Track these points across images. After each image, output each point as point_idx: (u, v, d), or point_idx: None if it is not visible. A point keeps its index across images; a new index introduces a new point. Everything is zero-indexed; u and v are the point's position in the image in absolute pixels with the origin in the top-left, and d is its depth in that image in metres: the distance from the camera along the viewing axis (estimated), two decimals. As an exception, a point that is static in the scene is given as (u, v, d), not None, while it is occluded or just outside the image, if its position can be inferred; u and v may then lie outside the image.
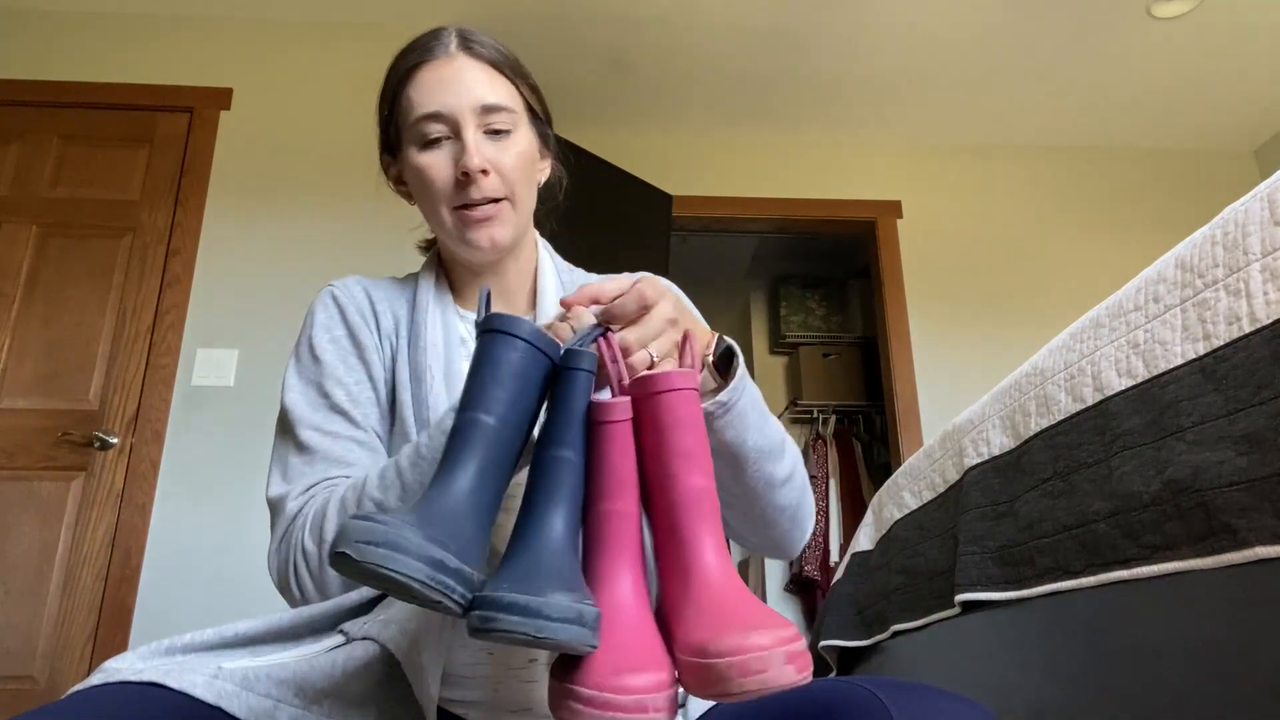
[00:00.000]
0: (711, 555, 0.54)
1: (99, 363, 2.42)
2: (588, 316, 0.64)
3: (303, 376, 0.83)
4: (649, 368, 0.62)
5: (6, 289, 2.45)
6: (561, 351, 0.60)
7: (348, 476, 0.76)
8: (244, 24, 2.84)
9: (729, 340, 0.72)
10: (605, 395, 0.61)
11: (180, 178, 2.62)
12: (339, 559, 0.48)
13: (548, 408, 0.59)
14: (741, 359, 0.71)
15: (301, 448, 0.78)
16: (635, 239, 3.09)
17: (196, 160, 2.64)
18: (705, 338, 0.70)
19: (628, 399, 0.59)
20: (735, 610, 0.50)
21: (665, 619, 0.55)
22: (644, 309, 0.63)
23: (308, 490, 0.76)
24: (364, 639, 0.65)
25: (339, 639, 0.66)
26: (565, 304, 0.65)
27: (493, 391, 0.57)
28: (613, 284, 0.65)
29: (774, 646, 0.46)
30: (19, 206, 2.54)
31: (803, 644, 0.48)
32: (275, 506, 0.77)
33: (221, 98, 2.72)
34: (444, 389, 0.81)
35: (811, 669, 0.48)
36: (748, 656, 0.46)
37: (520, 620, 0.47)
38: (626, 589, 0.54)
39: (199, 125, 2.68)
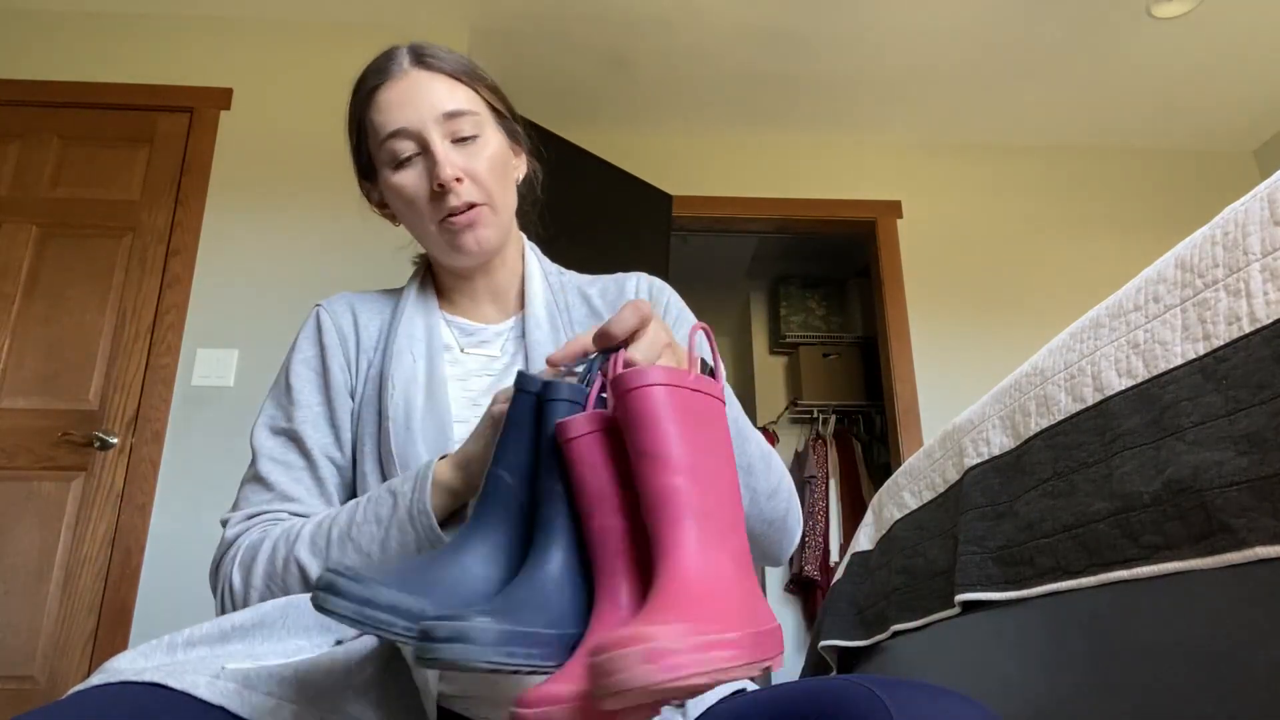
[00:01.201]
0: (683, 553, 0.50)
1: (99, 363, 2.42)
2: (582, 342, 0.63)
3: (274, 401, 0.86)
4: None
5: (6, 289, 2.46)
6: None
7: (290, 513, 0.80)
8: (244, 24, 2.84)
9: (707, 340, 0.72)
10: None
11: (180, 178, 2.62)
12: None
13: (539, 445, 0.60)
14: (724, 379, 0.72)
15: (257, 478, 0.83)
16: (635, 239, 3.09)
17: (196, 160, 2.64)
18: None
19: (588, 414, 0.57)
20: (654, 606, 0.46)
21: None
22: (643, 322, 0.63)
23: (250, 519, 0.80)
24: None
25: (332, 638, 0.67)
26: (551, 361, 0.64)
27: (504, 447, 0.61)
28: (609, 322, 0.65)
29: (632, 644, 0.41)
30: (19, 206, 2.54)
31: (693, 641, 0.42)
32: (223, 524, 0.82)
33: (221, 98, 2.72)
34: (417, 394, 0.82)
35: (684, 673, 0.42)
36: (608, 656, 0.42)
37: (451, 647, 0.47)
38: (625, 604, 0.53)
39: (199, 125, 2.68)
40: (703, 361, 0.66)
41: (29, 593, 2.21)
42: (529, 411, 0.60)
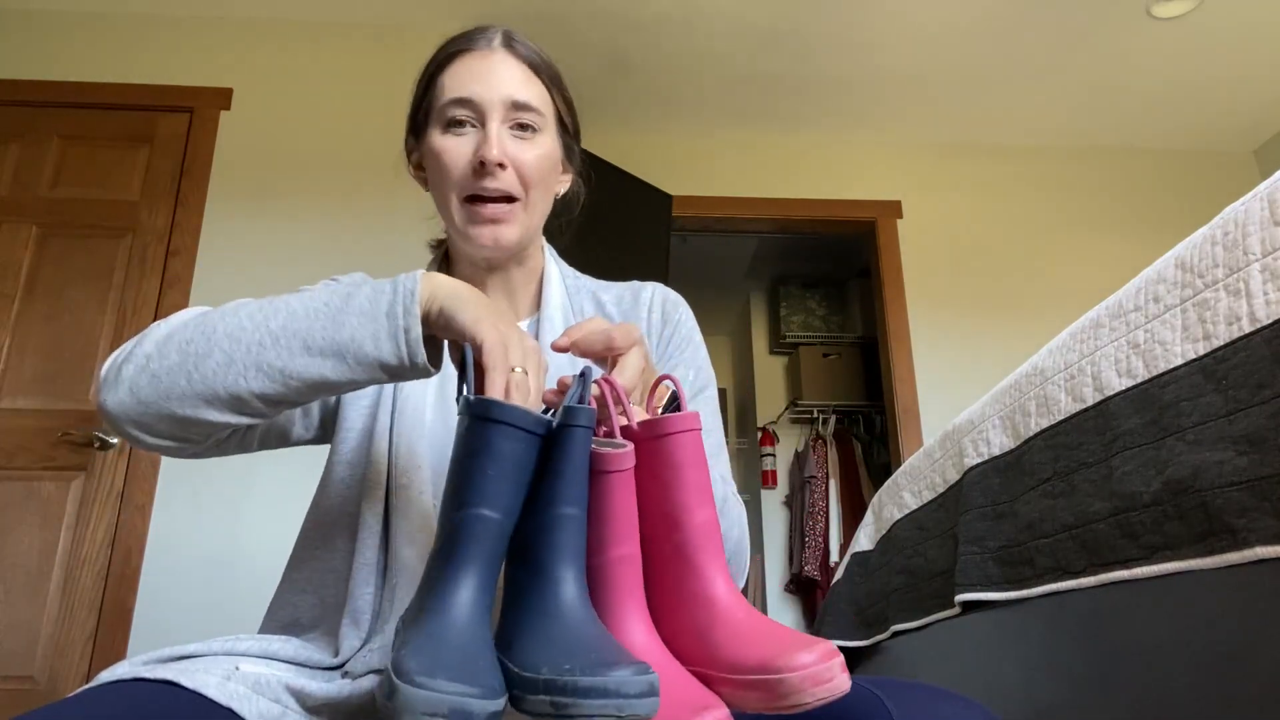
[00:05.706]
0: (723, 583, 0.58)
1: (99, 363, 2.42)
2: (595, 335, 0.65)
3: None
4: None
5: (6, 289, 2.45)
6: (553, 417, 0.59)
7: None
8: (244, 24, 2.84)
9: (675, 387, 0.71)
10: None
11: (180, 178, 2.62)
12: None
13: (548, 465, 0.58)
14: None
15: None
16: (635, 239, 3.09)
17: (196, 160, 2.63)
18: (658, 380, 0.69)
19: (632, 448, 0.59)
20: (779, 631, 0.55)
21: (684, 646, 0.56)
22: (610, 350, 0.65)
23: None
24: (369, 673, 0.67)
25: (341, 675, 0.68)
26: (557, 347, 0.66)
27: (498, 486, 0.56)
28: (586, 325, 0.67)
29: (832, 658, 0.52)
30: (19, 206, 2.54)
31: (841, 656, 0.53)
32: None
33: (221, 98, 2.72)
34: (427, 394, 0.82)
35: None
36: (819, 668, 0.51)
37: (603, 703, 0.48)
38: (643, 635, 0.56)
39: (199, 125, 2.68)
40: (673, 396, 0.69)
41: (29, 593, 2.21)
42: (529, 447, 0.57)
